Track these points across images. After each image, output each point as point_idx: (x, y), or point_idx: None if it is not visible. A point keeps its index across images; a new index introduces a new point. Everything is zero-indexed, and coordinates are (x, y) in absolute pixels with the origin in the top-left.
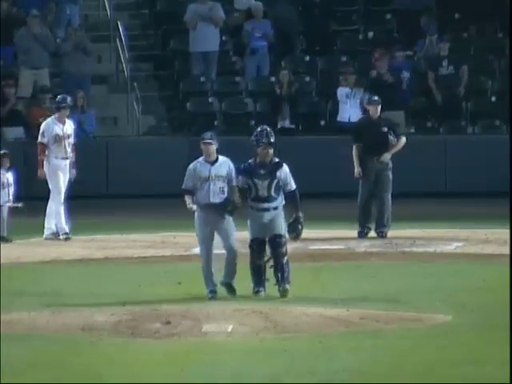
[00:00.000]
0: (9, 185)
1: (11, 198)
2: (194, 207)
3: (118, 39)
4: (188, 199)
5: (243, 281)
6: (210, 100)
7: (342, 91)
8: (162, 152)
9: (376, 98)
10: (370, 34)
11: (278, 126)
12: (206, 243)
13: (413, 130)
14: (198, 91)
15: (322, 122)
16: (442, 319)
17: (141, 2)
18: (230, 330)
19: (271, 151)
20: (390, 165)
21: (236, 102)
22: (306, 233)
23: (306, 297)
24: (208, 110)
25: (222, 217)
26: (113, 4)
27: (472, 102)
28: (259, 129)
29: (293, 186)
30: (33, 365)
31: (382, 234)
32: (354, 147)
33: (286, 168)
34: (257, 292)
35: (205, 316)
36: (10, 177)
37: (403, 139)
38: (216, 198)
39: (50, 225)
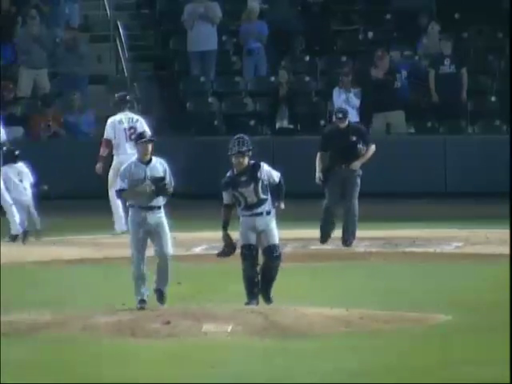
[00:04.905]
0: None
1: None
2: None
3: (117, 39)
4: (130, 193)
5: (239, 283)
6: (209, 100)
7: (336, 92)
8: (161, 152)
9: (340, 115)
10: (370, 34)
11: (277, 126)
12: (139, 248)
13: (413, 130)
14: (198, 91)
15: (322, 122)
16: (442, 319)
17: (141, 1)
18: (229, 329)
19: (245, 160)
20: (360, 172)
21: (236, 102)
22: (306, 233)
23: (306, 297)
24: (208, 110)
25: (153, 194)
26: (113, 4)
27: (472, 102)
28: (235, 137)
29: (276, 179)
30: (33, 365)
31: (347, 243)
32: (319, 154)
33: (264, 166)
34: (248, 304)
35: (205, 316)
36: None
37: (372, 147)
38: (152, 199)
39: None
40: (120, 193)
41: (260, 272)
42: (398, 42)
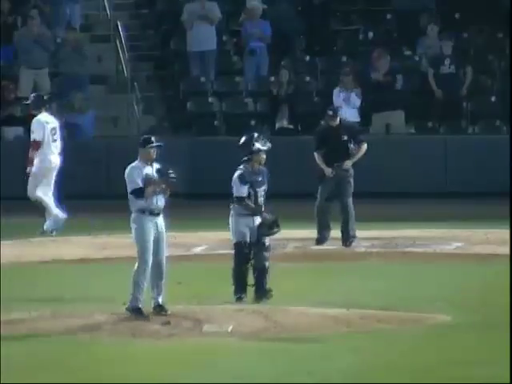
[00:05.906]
0: None
1: None
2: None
3: (117, 39)
4: (152, 188)
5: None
6: (209, 100)
7: (336, 92)
8: (162, 152)
9: (331, 112)
10: (370, 34)
11: (277, 126)
12: (149, 254)
13: (413, 130)
14: (198, 91)
15: (322, 123)
16: (442, 319)
17: (141, 1)
18: (229, 330)
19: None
20: (352, 171)
21: (236, 102)
22: (305, 233)
23: (306, 297)
24: (208, 110)
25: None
26: (113, 4)
27: (472, 101)
28: (255, 136)
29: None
30: (33, 365)
31: (347, 243)
32: (316, 154)
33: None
34: (239, 298)
35: (205, 316)
36: None
37: (364, 146)
38: (161, 201)
39: None
40: (139, 192)
41: (253, 271)
42: (397, 42)
